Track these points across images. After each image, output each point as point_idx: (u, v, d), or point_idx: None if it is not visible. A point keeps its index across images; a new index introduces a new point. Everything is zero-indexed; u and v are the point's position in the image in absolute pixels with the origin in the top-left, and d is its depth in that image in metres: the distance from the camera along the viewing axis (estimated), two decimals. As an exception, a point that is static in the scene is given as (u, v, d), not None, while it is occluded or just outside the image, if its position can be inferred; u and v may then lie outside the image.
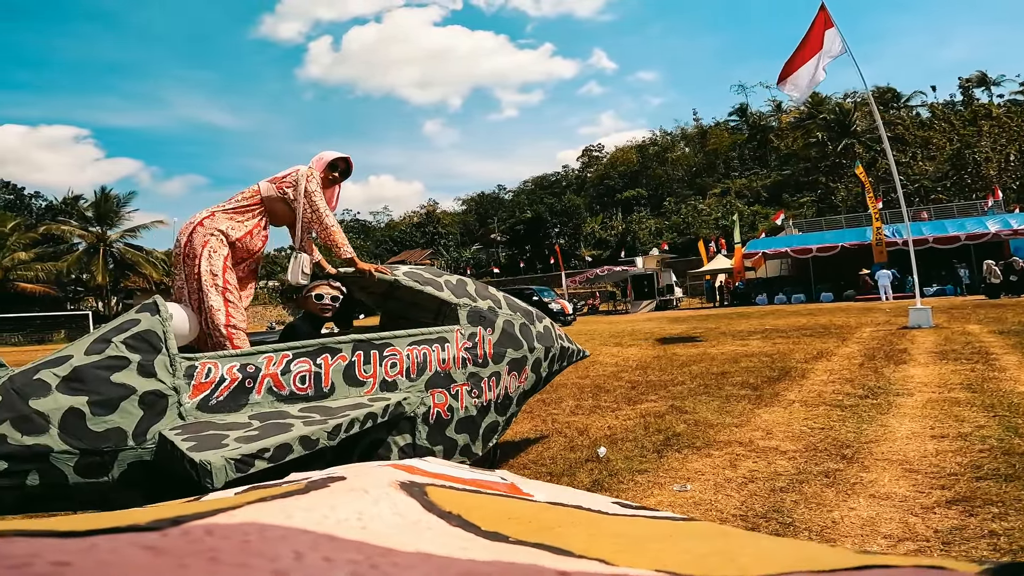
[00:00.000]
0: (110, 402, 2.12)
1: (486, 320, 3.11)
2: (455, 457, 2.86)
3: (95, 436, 2.08)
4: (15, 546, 0.34)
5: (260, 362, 2.39)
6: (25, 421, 2.03)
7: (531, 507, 0.67)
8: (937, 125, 39.72)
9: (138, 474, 2.15)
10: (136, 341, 2.23)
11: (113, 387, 2.14)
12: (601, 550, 0.47)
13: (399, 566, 0.39)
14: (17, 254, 36.09)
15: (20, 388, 2.08)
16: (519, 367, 3.24)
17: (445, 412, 2.82)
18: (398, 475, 0.69)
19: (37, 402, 2.06)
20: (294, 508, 0.52)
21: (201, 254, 2.64)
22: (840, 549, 0.50)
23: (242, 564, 0.36)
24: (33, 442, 2.02)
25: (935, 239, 23.16)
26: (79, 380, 2.11)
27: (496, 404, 3.09)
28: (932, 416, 4.03)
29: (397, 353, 2.71)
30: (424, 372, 2.76)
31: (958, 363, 6.15)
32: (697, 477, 3.16)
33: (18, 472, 2.02)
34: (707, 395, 5.38)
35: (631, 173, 52.86)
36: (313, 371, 2.48)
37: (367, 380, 2.60)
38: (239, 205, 2.82)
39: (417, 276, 3.06)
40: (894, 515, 2.42)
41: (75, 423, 2.07)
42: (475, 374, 2.97)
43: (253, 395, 2.35)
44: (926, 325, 10.07)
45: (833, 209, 37.35)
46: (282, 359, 2.43)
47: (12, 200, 45.42)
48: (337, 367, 2.53)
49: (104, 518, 0.45)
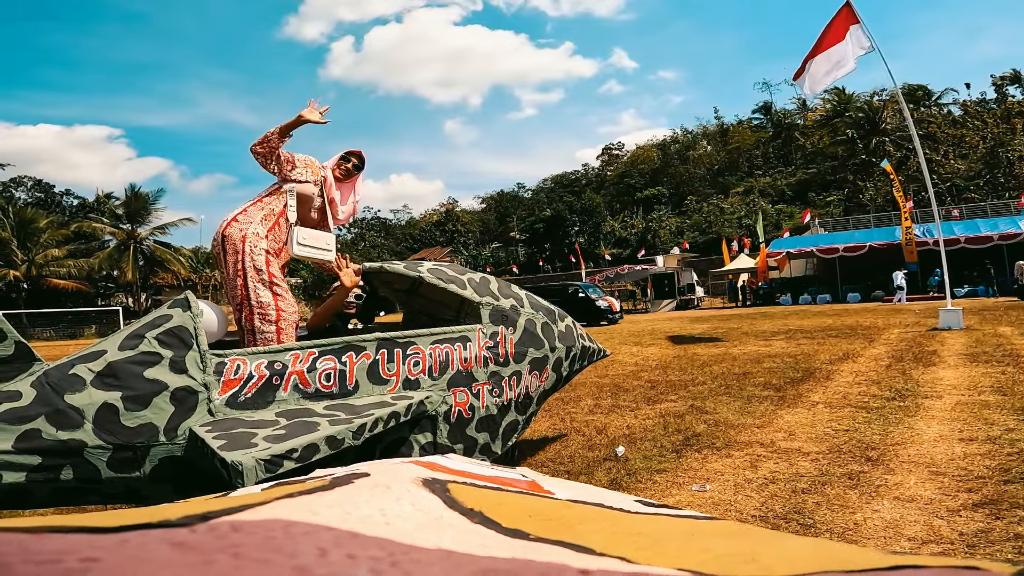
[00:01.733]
0: (143, 398, 2.14)
1: (508, 319, 3.11)
2: (475, 456, 2.81)
3: (128, 431, 2.11)
4: (46, 542, 0.35)
5: (287, 359, 2.40)
6: (60, 416, 2.04)
7: (552, 504, 0.67)
8: (970, 123, 38.62)
9: (168, 470, 2.16)
10: (168, 337, 2.25)
11: (146, 383, 2.16)
12: (622, 548, 0.47)
13: (420, 563, 0.40)
14: (50, 251, 37.15)
15: (55, 383, 2.10)
16: (540, 366, 3.24)
17: (466, 411, 2.81)
18: (421, 472, 0.70)
19: (72, 397, 2.08)
20: (319, 504, 0.52)
21: (243, 250, 2.70)
22: (869, 549, 0.49)
23: (266, 560, 0.36)
24: (68, 437, 2.04)
25: (967, 239, 22.53)
26: (113, 375, 2.14)
27: (516, 403, 3.09)
28: (961, 419, 3.93)
29: (420, 352, 2.71)
30: (446, 371, 2.76)
31: (989, 365, 5.99)
32: (716, 477, 3.13)
33: (53, 467, 2.04)
34: (728, 395, 5.33)
35: (651, 171, 52.39)
36: (338, 369, 2.48)
37: (390, 378, 2.61)
38: (262, 197, 2.95)
39: (440, 273, 3.06)
40: (919, 517, 2.38)
41: (109, 418, 2.09)
42: (496, 373, 2.97)
43: (280, 392, 2.36)
44: (956, 327, 9.82)
45: (861, 208, 36.58)
46: (308, 356, 2.44)
47: (42, 198, 46.70)
48: (361, 365, 2.54)
49: (136, 514, 0.46)
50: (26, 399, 2.06)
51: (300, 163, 3.04)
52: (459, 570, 0.39)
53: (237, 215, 2.79)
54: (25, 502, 2.15)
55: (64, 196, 48.72)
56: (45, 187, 48.08)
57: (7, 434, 2.00)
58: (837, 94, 42.94)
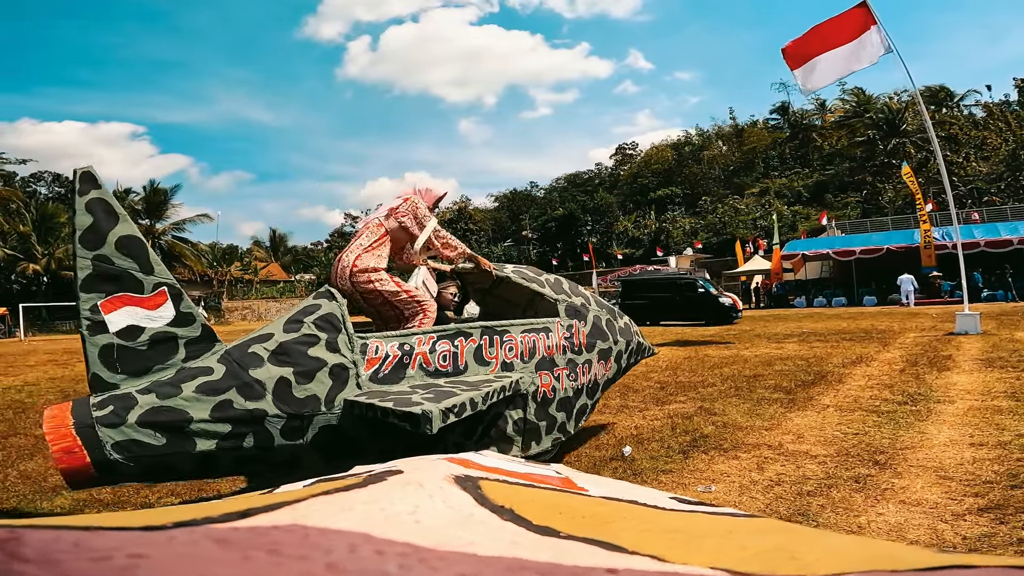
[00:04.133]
0: (309, 373, 2.46)
1: (580, 314, 3.52)
2: (553, 433, 3.22)
3: (298, 402, 2.41)
4: (97, 540, 0.37)
5: (413, 342, 2.80)
6: (247, 388, 2.33)
7: (584, 502, 0.67)
8: (992, 125, 37.93)
9: (325, 437, 2.46)
10: (322, 322, 2.59)
11: (310, 360, 2.48)
12: (654, 546, 0.46)
13: (447, 560, 0.40)
14: (70, 245, 37.85)
15: (239, 359, 2.39)
16: (606, 357, 3.65)
17: (549, 392, 3.18)
18: (453, 469, 0.70)
19: (255, 372, 2.37)
20: (353, 501, 0.54)
21: (375, 287, 3.15)
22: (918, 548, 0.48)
23: (302, 556, 0.38)
24: (253, 407, 2.32)
25: (986, 242, 22.17)
26: (284, 353, 2.46)
27: (587, 388, 3.48)
28: (972, 424, 3.90)
29: (513, 339, 3.11)
30: (534, 356, 3.15)
31: (1004, 371, 5.91)
32: (722, 479, 3.14)
33: (239, 434, 2.31)
34: (738, 397, 5.32)
35: (665, 171, 52.03)
36: (452, 351, 2.89)
37: (491, 360, 3.00)
38: (373, 242, 3.28)
39: (524, 274, 3.54)
40: (923, 521, 2.38)
41: (284, 390, 2.39)
42: (572, 360, 3.35)
43: (409, 370, 2.74)
44: (974, 331, 9.70)
45: (879, 210, 36.07)
46: (429, 340, 2.85)
47: (63, 193, 47.50)
48: (469, 348, 2.94)
49: (181, 511, 0.47)
50: (217, 374, 2.33)
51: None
52: (486, 569, 0.39)
53: (355, 262, 3.17)
54: (210, 470, 2.42)
55: (85, 191, 49.49)
56: (65, 182, 48.87)
57: (204, 404, 2.26)
58: (857, 95, 42.39)
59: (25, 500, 3.30)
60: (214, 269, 44.90)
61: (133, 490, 3.43)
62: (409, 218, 3.31)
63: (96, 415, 2.16)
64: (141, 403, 2.21)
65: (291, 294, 47.82)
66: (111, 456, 2.15)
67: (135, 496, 3.33)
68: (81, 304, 2.28)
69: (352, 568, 0.37)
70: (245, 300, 45.36)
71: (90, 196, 2.28)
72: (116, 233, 2.30)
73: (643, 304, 17.44)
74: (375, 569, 0.37)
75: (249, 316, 43.22)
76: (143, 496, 3.33)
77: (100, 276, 2.29)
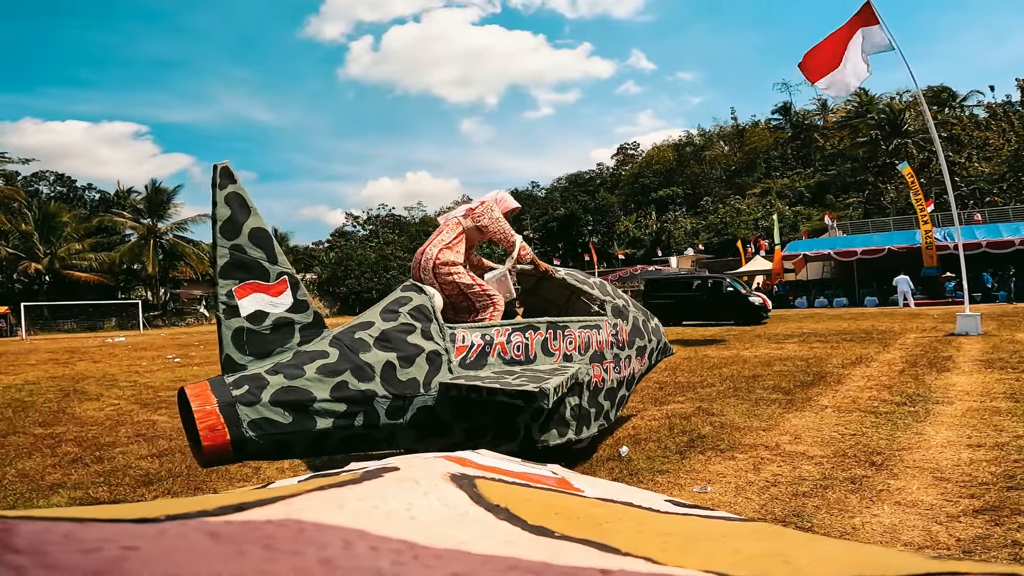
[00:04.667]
0: (410, 358, 2.70)
1: (623, 314, 3.88)
2: (600, 420, 3.49)
3: (401, 384, 2.65)
4: (88, 531, 0.36)
5: (493, 334, 3.06)
6: (360, 370, 2.55)
7: (580, 502, 0.67)
8: (995, 125, 37.83)
9: (421, 417, 2.69)
10: (416, 312, 2.85)
11: (410, 346, 2.73)
12: (649, 548, 0.46)
13: (441, 558, 0.40)
14: (72, 244, 37.89)
15: (349, 345, 2.61)
16: (642, 353, 4.04)
17: (600, 382, 3.48)
18: (449, 467, 0.70)
19: (365, 356, 2.60)
20: (347, 497, 0.53)
21: (453, 280, 3.40)
22: (908, 553, 0.48)
23: (296, 551, 0.37)
24: (365, 388, 2.54)
25: (988, 243, 22.11)
26: (387, 340, 2.70)
27: (627, 381, 3.82)
28: (970, 425, 3.90)
29: (572, 333, 3.40)
30: (589, 349, 3.46)
31: (1004, 372, 5.90)
32: (718, 479, 3.14)
33: (352, 413, 2.52)
34: (736, 398, 5.32)
35: (666, 171, 51.98)
36: (524, 342, 3.16)
37: (555, 352, 3.29)
38: (452, 239, 3.53)
39: (575, 276, 3.90)
40: (917, 523, 2.37)
41: (390, 373, 2.63)
42: (617, 355, 3.69)
43: (490, 358, 3.00)
44: (974, 332, 9.68)
45: (881, 211, 36.00)
46: (505, 332, 3.12)
47: (64, 192, 47.53)
48: (538, 341, 3.22)
49: (175, 504, 0.47)
50: (333, 357, 2.54)
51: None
52: (480, 567, 0.39)
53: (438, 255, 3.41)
54: (321, 448, 2.58)
55: (86, 190, 49.59)
56: (67, 181, 48.97)
57: (324, 385, 2.46)
58: (859, 95, 42.30)
59: (22, 499, 3.30)
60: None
61: (130, 488, 3.43)
62: (484, 220, 3.58)
63: (235, 394, 2.32)
64: (272, 383, 2.38)
65: (292, 293, 47.83)
66: (247, 434, 2.31)
67: (131, 495, 3.34)
68: (219, 289, 2.44)
69: (346, 564, 0.37)
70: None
71: (228, 190, 2.44)
72: (249, 225, 2.47)
73: (668, 303, 16.82)
74: (369, 566, 0.37)
75: (250, 315, 43.23)
76: (139, 494, 3.34)
77: (235, 264, 2.45)
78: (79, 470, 3.85)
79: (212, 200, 2.43)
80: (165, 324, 38.11)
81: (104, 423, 5.44)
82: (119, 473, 3.75)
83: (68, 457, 4.19)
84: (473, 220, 3.58)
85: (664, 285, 18.43)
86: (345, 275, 46.39)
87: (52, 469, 3.89)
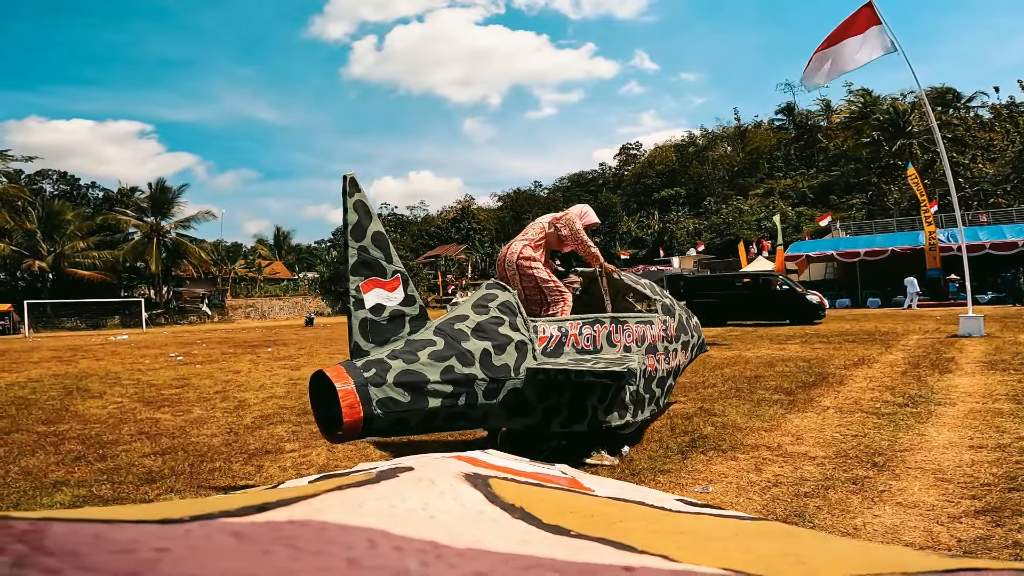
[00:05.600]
0: (502, 346, 3.07)
1: (671, 311, 4.40)
2: (651, 405, 3.86)
3: (496, 369, 3.01)
4: (120, 533, 0.37)
5: (567, 326, 3.46)
6: (464, 357, 2.91)
7: (592, 501, 0.67)
8: (999, 126, 37.69)
9: (510, 398, 3.06)
10: (503, 307, 3.23)
11: (501, 336, 3.09)
12: (663, 546, 0.46)
13: (464, 557, 0.40)
14: (75, 242, 37.95)
15: (452, 334, 2.97)
16: (686, 347, 4.55)
17: (652, 371, 3.88)
18: (462, 467, 0.70)
19: (466, 344, 2.96)
20: (366, 497, 0.53)
21: (533, 273, 3.87)
22: (924, 552, 0.48)
23: (319, 552, 0.37)
24: (468, 372, 2.90)
25: (992, 244, 22.04)
26: (482, 331, 3.06)
27: (673, 371, 4.28)
28: (972, 426, 3.89)
29: (630, 328, 3.80)
30: (644, 341, 3.89)
31: (1006, 374, 5.88)
32: (720, 480, 3.14)
33: (457, 394, 2.87)
34: (738, 398, 5.31)
35: (669, 172, 51.93)
36: (592, 334, 3.55)
37: (617, 343, 3.66)
38: (536, 240, 3.97)
39: (630, 277, 4.42)
40: (919, 523, 2.37)
41: (487, 359, 2.99)
42: (666, 347, 4.16)
43: (565, 347, 3.39)
44: (977, 334, 9.65)
45: (885, 212, 35.89)
46: (577, 324, 3.52)
47: (68, 191, 47.55)
48: (603, 333, 3.61)
49: (197, 504, 0.47)
50: (439, 344, 2.90)
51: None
52: (503, 566, 0.39)
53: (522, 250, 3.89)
54: (427, 426, 2.92)
55: (90, 189, 49.64)
56: (70, 180, 49.05)
57: (435, 368, 2.82)
58: (863, 95, 42.20)
59: (26, 496, 3.31)
60: (218, 267, 44.99)
61: (133, 486, 3.45)
62: (564, 231, 3.98)
63: (365, 376, 2.66)
64: (393, 367, 2.74)
65: (294, 292, 47.92)
66: (375, 412, 2.65)
67: (134, 493, 3.35)
68: (349, 284, 2.80)
69: (372, 564, 0.37)
70: (248, 298, 45.45)
71: (355, 198, 2.79)
72: (371, 229, 2.83)
73: (711, 303, 16.10)
74: (394, 565, 0.37)
75: (252, 314, 43.34)
76: (142, 492, 3.35)
77: (362, 263, 2.81)
78: (82, 468, 3.86)
79: (343, 206, 2.77)
80: (167, 322, 38.18)
81: (107, 421, 5.45)
82: (122, 471, 3.76)
83: (71, 455, 4.20)
84: (555, 227, 4.01)
85: (706, 284, 17.87)
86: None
87: (55, 467, 3.90)
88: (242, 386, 7.54)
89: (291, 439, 4.50)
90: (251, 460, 3.95)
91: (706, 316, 15.49)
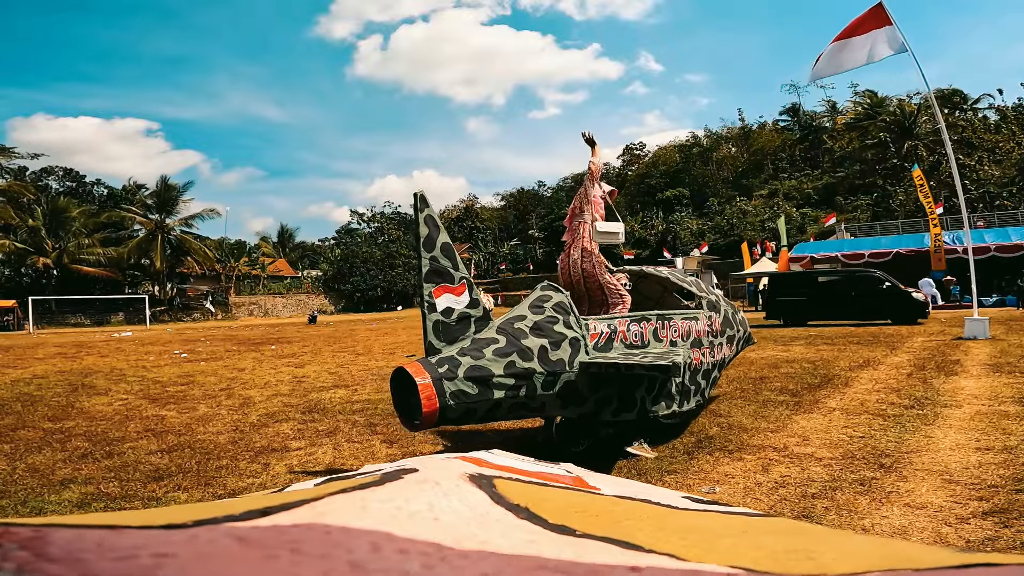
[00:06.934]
0: (557, 343, 3.31)
1: (716, 307, 4.63)
2: (697, 396, 4.07)
3: (552, 363, 3.24)
4: (122, 539, 0.37)
5: (616, 324, 3.69)
6: (524, 352, 3.17)
7: (598, 500, 0.66)
8: (1005, 128, 37.52)
9: (566, 389, 3.29)
10: (557, 307, 3.47)
11: (556, 334, 3.33)
12: (670, 545, 0.46)
13: (470, 558, 0.40)
14: (80, 239, 38.07)
15: (512, 333, 3.24)
16: (731, 341, 4.78)
17: (698, 364, 4.12)
18: (467, 467, 0.70)
19: (525, 341, 3.22)
20: (370, 500, 0.53)
21: (596, 272, 4.20)
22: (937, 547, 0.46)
23: (323, 555, 0.37)
24: (528, 366, 3.15)
25: (997, 247, 21.93)
26: (539, 329, 3.31)
27: (719, 364, 4.52)
28: (979, 428, 3.88)
29: (676, 324, 4.06)
30: (690, 336, 4.14)
31: (1012, 376, 5.86)
32: (727, 480, 3.14)
33: (519, 386, 3.13)
34: (743, 399, 5.30)
35: (673, 172, 51.81)
36: (639, 331, 3.80)
37: (664, 339, 3.94)
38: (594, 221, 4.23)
39: (678, 275, 4.74)
40: (927, 524, 2.37)
41: (544, 355, 3.23)
42: (711, 342, 4.38)
43: (614, 343, 3.62)
44: (982, 336, 9.61)
45: (890, 213, 35.75)
46: (626, 322, 3.75)
47: (73, 187, 47.66)
48: (650, 329, 3.87)
49: (201, 509, 0.47)
50: (502, 342, 3.16)
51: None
52: (508, 567, 0.39)
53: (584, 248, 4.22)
54: (492, 415, 3.18)
55: (95, 186, 49.77)
56: (76, 177, 49.14)
57: (499, 363, 3.09)
58: (869, 97, 42.06)
59: (33, 493, 3.32)
60: (222, 264, 45.09)
61: (140, 484, 3.46)
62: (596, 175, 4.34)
63: (440, 371, 2.96)
64: (463, 363, 3.02)
65: (298, 290, 48.02)
66: (449, 403, 2.93)
67: (142, 490, 3.37)
68: (424, 291, 3.16)
69: (375, 567, 0.37)
70: (252, 296, 45.58)
71: (426, 213, 3.16)
72: (440, 240, 3.20)
73: (799, 301, 15.19)
74: (398, 568, 0.37)
75: (256, 311, 43.43)
76: (150, 490, 3.36)
77: (433, 271, 3.16)
78: (89, 465, 3.88)
79: (415, 220, 3.17)
80: (171, 319, 38.28)
81: (113, 418, 5.47)
82: (129, 468, 3.77)
83: (78, 452, 4.22)
84: (598, 185, 4.39)
85: (793, 281, 16.90)
86: (350, 272, 46.51)
87: (62, 464, 3.92)
88: (247, 384, 7.56)
89: (297, 437, 4.52)
90: (257, 458, 3.96)
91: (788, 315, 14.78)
